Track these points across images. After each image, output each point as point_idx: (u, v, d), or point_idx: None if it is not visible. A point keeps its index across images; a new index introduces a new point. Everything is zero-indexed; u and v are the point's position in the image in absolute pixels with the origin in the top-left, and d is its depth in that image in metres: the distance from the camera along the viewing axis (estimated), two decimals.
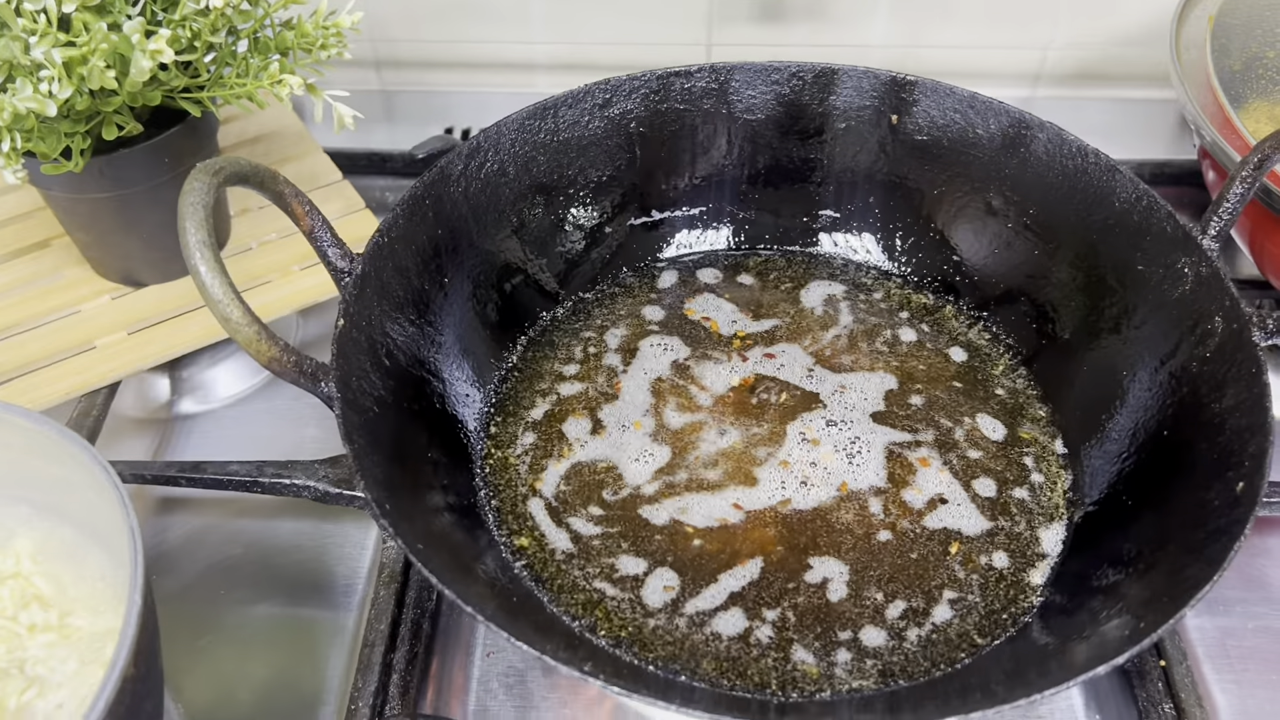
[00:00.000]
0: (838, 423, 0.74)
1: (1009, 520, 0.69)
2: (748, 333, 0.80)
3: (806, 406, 0.75)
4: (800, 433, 0.73)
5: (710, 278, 0.84)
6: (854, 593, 0.65)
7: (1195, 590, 0.53)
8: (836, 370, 0.77)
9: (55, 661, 0.57)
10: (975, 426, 0.74)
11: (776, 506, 0.69)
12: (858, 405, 0.75)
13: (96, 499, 0.55)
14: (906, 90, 0.79)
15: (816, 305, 0.82)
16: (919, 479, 0.71)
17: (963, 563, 0.67)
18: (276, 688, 0.66)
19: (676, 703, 0.50)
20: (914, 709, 0.59)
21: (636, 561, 0.67)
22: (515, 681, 0.66)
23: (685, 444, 0.73)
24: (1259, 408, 0.59)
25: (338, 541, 0.73)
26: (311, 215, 0.63)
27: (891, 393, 0.76)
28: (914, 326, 0.81)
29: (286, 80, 0.70)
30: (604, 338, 0.80)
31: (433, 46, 1.11)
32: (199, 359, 0.83)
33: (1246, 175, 0.66)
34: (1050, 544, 0.68)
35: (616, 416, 0.75)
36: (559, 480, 0.71)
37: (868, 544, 0.67)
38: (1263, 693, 0.65)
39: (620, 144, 0.81)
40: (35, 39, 0.62)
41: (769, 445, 0.72)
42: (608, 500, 0.70)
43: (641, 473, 0.71)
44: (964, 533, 0.68)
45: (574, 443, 0.73)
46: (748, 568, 0.66)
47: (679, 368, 0.78)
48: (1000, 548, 0.68)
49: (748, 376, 0.77)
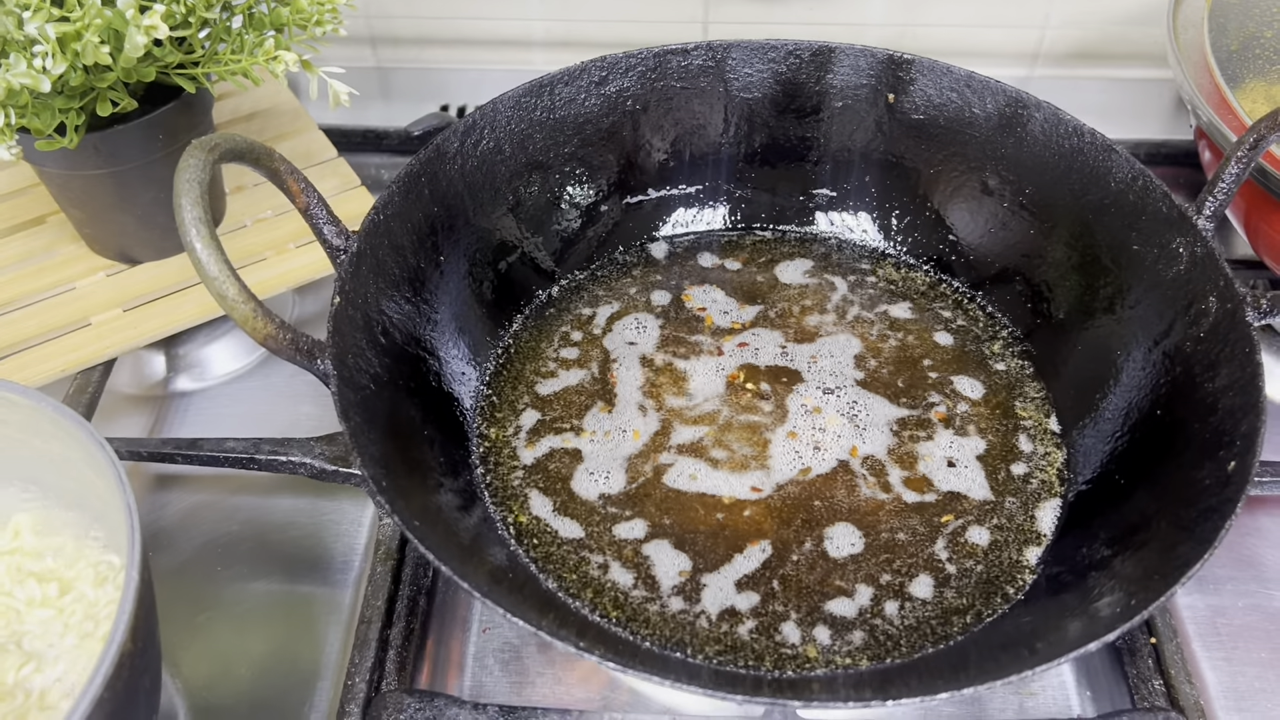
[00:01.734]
0: (834, 390, 0.74)
1: (1002, 497, 0.69)
2: (742, 313, 0.80)
3: (799, 380, 0.75)
4: (801, 404, 0.73)
5: (706, 259, 0.84)
6: (852, 567, 0.65)
7: (1186, 568, 0.53)
8: (814, 341, 0.78)
9: (53, 637, 0.57)
10: (970, 403, 0.74)
11: (788, 485, 0.69)
12: (849, 375, 0.75)
13: (93, 476, 0.55)
14: (903, 69, 0.79)
15: (811, 284, 0.82)
16: (915, 452, 0.71)
17: (952, 540, 0.67)
18: (273, 664, 0.67)
19: (671, 678, 0.50)
20: (906, 685, 0.59)
21: (635, 539, 0.67)
22: (511, 658, 0.67)
23: (682, 420, 0.73)
24: (1252, 387, 0.60)
25: (334, 518, 0.74)
26: (307, 192, 0.62)
27: (883, 368, 0.76)
28: (909, 305, 0.81)
29: (282, 56, 0.70)
30: (600, 317, 0.80)
31: (429, 23, 1.11)
32: (195, 336, 0.83)
33: (1242, 155, 0.66)
34: (1045, 522, 0.68)
35: (612, 395, 0.75)
36: (556, 458, 0.71)
37: (862, 518, 0.68)
38: (1252, 670, 0.66)
39: (617, 122, 0.81)
40: (29, 14, 0.62)
41: (766, 417, 0.73)
42: (604, 478, 0.70)
43: (639, 450, 0.71)
44: (959, 507, 0.69)
45: (571, 421, 0.73)
46: (752, 549, 0.66)
47: (674, 346, 0.78)
48: (994, 525, 0.68)
49: (743, 358, 0.77)
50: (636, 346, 0.78)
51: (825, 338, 0.79)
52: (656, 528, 0.68)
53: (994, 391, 0.75)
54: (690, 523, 0.68)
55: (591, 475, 0.70)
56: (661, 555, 0.66)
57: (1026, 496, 0.70)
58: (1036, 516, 0.69)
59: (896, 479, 0.70)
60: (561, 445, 0.72)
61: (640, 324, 0.79)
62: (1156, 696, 0.62)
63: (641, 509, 0.69)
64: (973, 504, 0.69)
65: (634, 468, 0.71)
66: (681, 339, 0.78)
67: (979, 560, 0.66)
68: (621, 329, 0.79)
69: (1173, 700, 0.61)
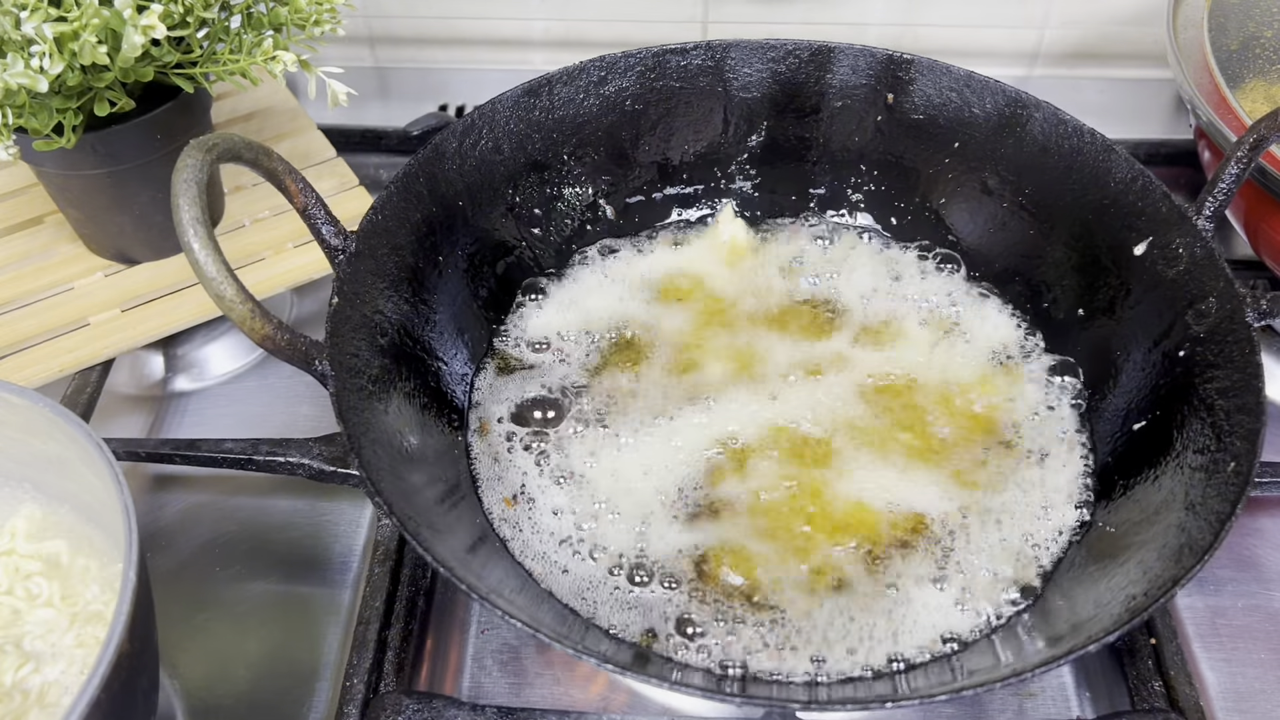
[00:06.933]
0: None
1: (1003, 498, 0.69)
2: (747, 308, 0.80)
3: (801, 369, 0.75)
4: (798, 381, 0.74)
5: (704, 255, 0.84)
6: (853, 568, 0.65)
7: (1187, 569, 0.53)
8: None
9: (51, 638, 0.57)
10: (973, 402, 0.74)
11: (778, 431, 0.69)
12: (848, 375, 0.75)
13: (91, 476, 0.55)
14: (903, 69, 0.79)
15: (809, 283, 0.82)
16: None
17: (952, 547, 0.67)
18: (272, 664, 0.67)
19: (670, 681, 0.50)
20: (904, 688, 0.59)
21: (640, 538, 0.67)
22: (509, 658, 0.67)
23: (681, 414, 0.73)
24: (1251, 388, 0.60)
25: (333, 519, 0.74)
26: (305, 192, 0.62)
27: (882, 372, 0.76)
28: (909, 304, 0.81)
29: (280, 56, 0.70)
30: (599, 315, 0.80)
31: (427, 23, 1.11)
32: (193, 336, 0.83)
33: (1242, 156, 0.66)
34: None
35: (610, 394, 0.75)
36: (555, 458, 0.71)
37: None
38: (1252, 671, 0.66)
39: (616, 122, 0.81)
40: (26, 14, 0.62)
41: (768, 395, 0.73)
42: (603, 479, 0.70)
43: (638, 446, 0.71)
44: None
45: (570, 420, 0.73)
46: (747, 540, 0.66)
47: (672, 344, 0.77)
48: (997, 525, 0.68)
49: (743, 347, 0.77)
50: (635, 345, 0.78)
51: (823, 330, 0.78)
52: (668, 535, 0.68)
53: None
54: (702, 523, 0.68)
55: (591, 475, 0.70)
56: (668, 563, 0.66)
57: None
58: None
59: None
60: (562, 444, 0.72)
61: (639, 322, 0.79)
62: (1156, 697, 0.62)
63: (650, 510, 0.68)
64: (979, 511, 0.69)
65: (639, 465, 0.70)
66: (680, 340, 0.78)
67: (982, 564, 0.66)
68: (619, 328, 0.79)
69: (1173, 701, 0.61)
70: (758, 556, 0.65)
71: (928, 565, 0.65)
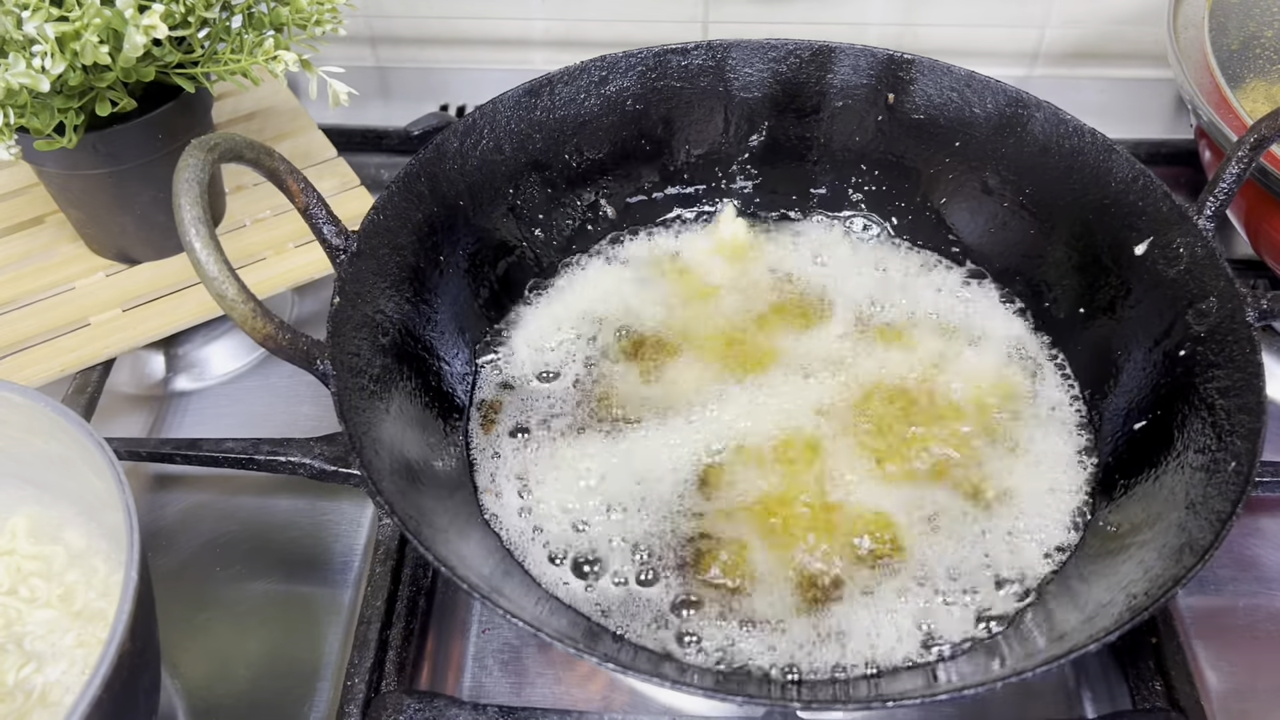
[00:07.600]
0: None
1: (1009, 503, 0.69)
2: (746, 308, 0.80)
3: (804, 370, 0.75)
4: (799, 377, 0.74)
5: (705, 255, 0.84)
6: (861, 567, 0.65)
7: (1187, 569, 0.53)
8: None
9: (53, 637, 0.57)
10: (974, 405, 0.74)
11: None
12: (849, 373, 0.75)
13: (92, 476, 0.55)
14: (903, 69, 0.79)
15: (809, 283, 0.82)
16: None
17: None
18: (273, 664, 0.67)
19: (671, 680, 0.50)
20: (906, 687, 0.59)
21: (638, 538, 0.67)
22: (510, 658, 0.67)
23: (681, 414, 0.73)
24: (1252, 388, 0.60)
25: (334, 518, 0.74)
26: (306, 192, 0.62)
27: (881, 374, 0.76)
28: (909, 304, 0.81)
29: (281, 56, 0.70)
30: (599, 315, 0.80)
31: (428, 23, 1.11)
32: (194, 336, 0.83)
33: (1243, 155, 0.66)
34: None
35: (610, 394, 0.75)
36: (555, 457, 0.71)
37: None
38: (1252, 670, 0.66)
39: (616, 121, 0.81)
40: (28, 14, 0.62)
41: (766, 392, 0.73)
42: (603, 478, 0.70)
43: (638, 446, 0.71)
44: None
45: (570, 420, 0.73)
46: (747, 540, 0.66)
47: (672, 344, 0.77)
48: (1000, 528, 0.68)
49: (744, 348, 0.77)
50: (634, 345, 0.78)
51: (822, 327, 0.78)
52: (666, 526, 0.68)
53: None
54: (702, 521, 0.68)
55: (593, 473, 0.70)
56: (666, 555, 0.66)
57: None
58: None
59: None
60: (563, 443, 0.72)
61: (638, 322, 0.79)
62: (1157, 697, 0.62)
63: (653, 505, 0.68)
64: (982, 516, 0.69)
65: (640, 460, 0.70)
66: (680, 342, 0.78)
67: (983, 567, 0.66)
68: (620, 327, 0.79)
69: (1173, 701, 0.61)
70: (758, 557, 0.65)
71: (927, 565, 0.65)
